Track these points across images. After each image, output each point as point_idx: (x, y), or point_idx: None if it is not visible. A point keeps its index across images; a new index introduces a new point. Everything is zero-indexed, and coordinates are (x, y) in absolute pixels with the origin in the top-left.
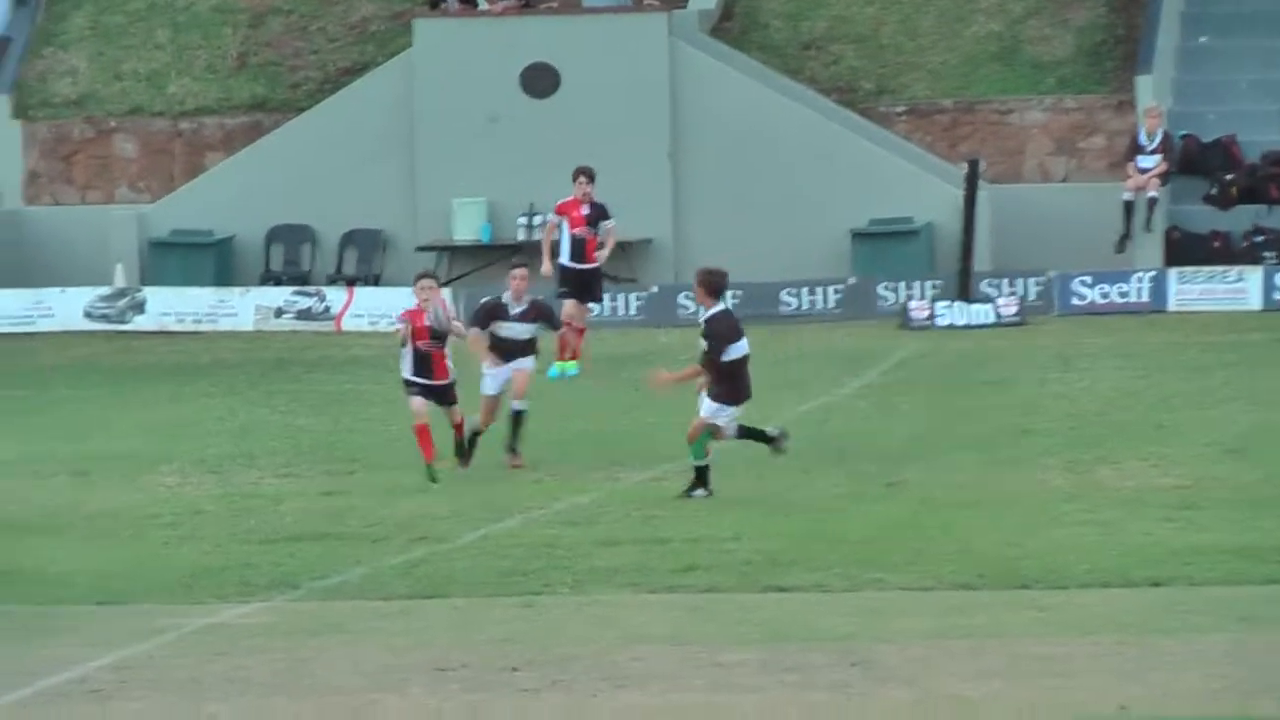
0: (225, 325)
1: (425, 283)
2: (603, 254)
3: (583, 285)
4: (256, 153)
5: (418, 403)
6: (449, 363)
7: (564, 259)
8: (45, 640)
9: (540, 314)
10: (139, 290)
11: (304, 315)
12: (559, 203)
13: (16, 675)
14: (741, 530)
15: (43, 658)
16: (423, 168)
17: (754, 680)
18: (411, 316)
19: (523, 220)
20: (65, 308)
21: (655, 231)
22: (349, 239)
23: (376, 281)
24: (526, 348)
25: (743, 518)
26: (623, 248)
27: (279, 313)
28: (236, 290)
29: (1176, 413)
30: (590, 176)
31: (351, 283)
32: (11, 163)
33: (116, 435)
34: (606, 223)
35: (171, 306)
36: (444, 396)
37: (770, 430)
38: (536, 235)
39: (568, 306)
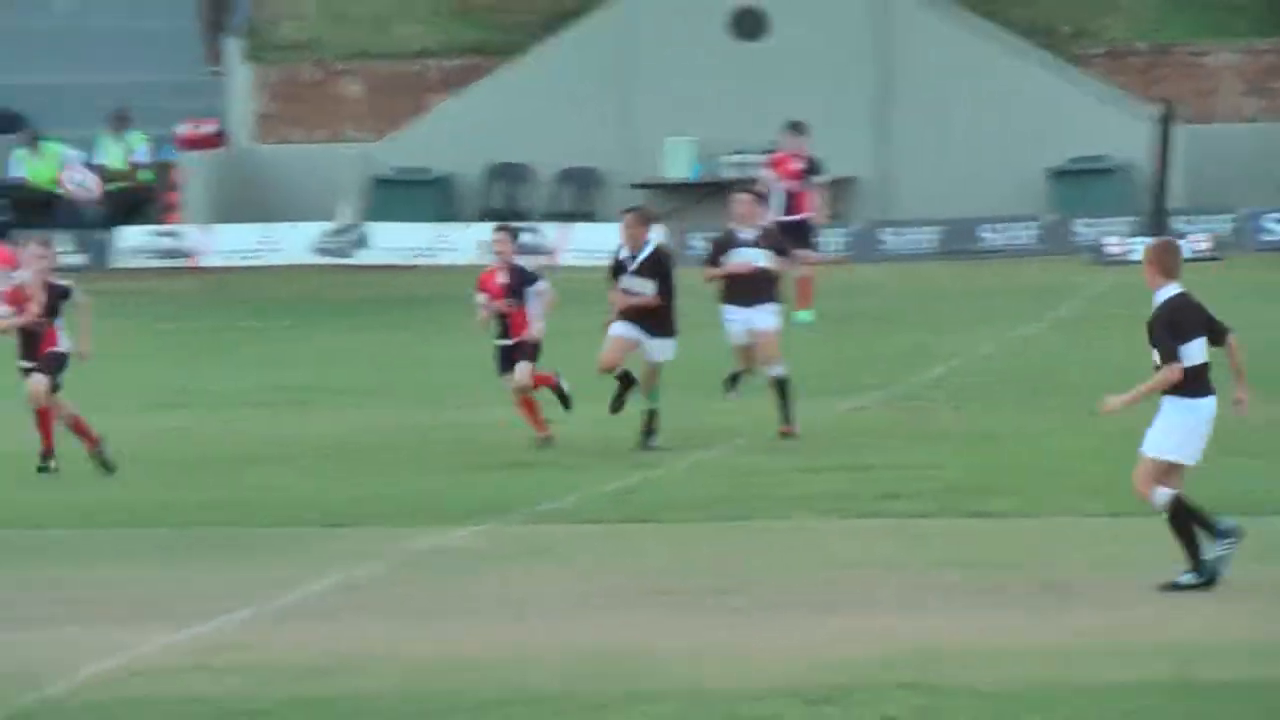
0: (445, 259)
1: (499, 236)
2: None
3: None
4: (476, 93)
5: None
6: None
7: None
8: (274, 562)
9: (773, 240)
10: (363, 226)
11: (521, 250)
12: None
13: (248, 595)
14: (942, 459)
15: (272, 579)
16: (636, 108)
17: (954, 602)
18: (483, 282)
19: (729, 159)
20: (293, 242)
21: (859, 170)
22: (565, 176)
23: (591, 218)
24: (764, 287)
25: (943, 447)
26: (828, 185)
27: None
28: (456, 226)
29: None
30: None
31: (568, 219)
32: (243, 104)
33: (339, 366)
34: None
35: (394, 241)
36: (514, 355)
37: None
38: (746, 173)
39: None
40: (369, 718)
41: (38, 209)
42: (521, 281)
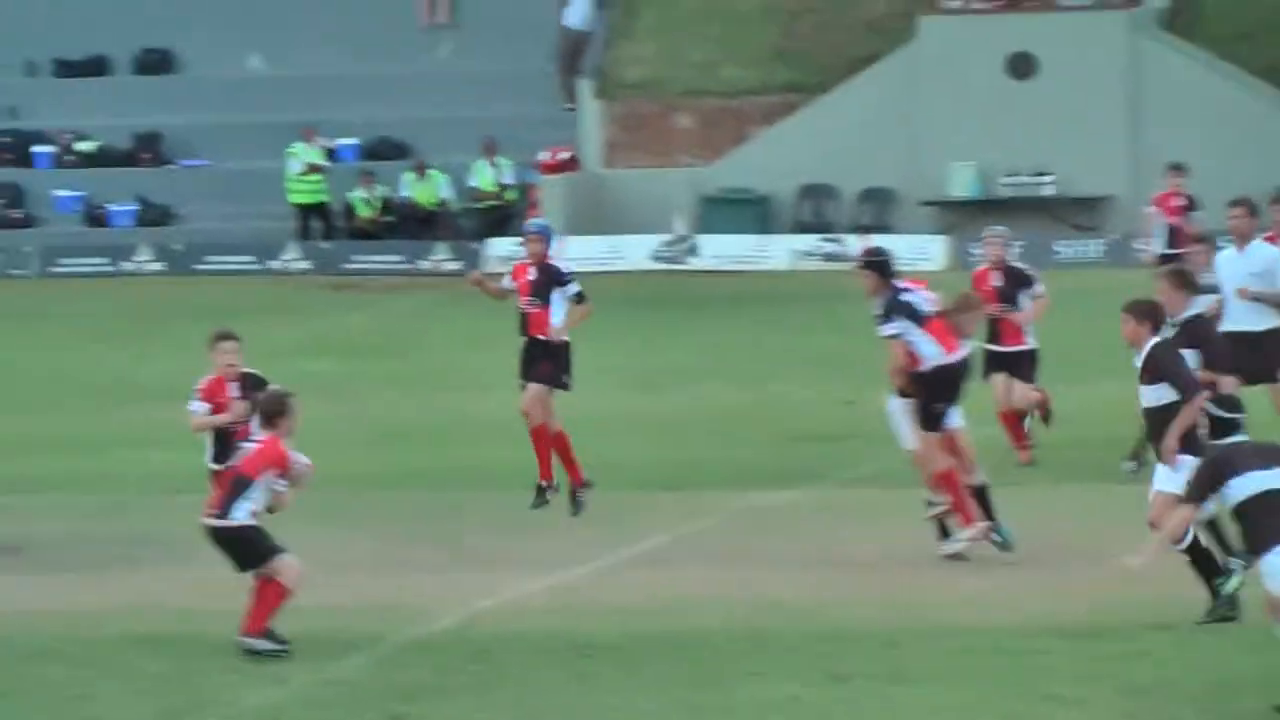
0: (764, 266)
1: (533, 235)
2: None
3: None
4: (790, 125)
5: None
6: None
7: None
8: (622, 520)
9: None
10: (694, 237)
11: (829, 258)
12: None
13: (598, 548)
14: None
15: (620, 534)
16: (924, 136)
17: None
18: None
19: (1004, 180)
20: (635, 251)
21: (1115, 189)
22: (865, 195)
23: (887, 230)
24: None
25: None
26: (1084, 203)
27: (807, 255)
28: (773, 237)
29: None
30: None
31: (867, 231)
32: (593, 134)
33: (676, 353)
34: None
35: (720, 250)
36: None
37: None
38: (1017, 192)
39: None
40: (697, 651)
41: (421, 224)
42: (550, 282)
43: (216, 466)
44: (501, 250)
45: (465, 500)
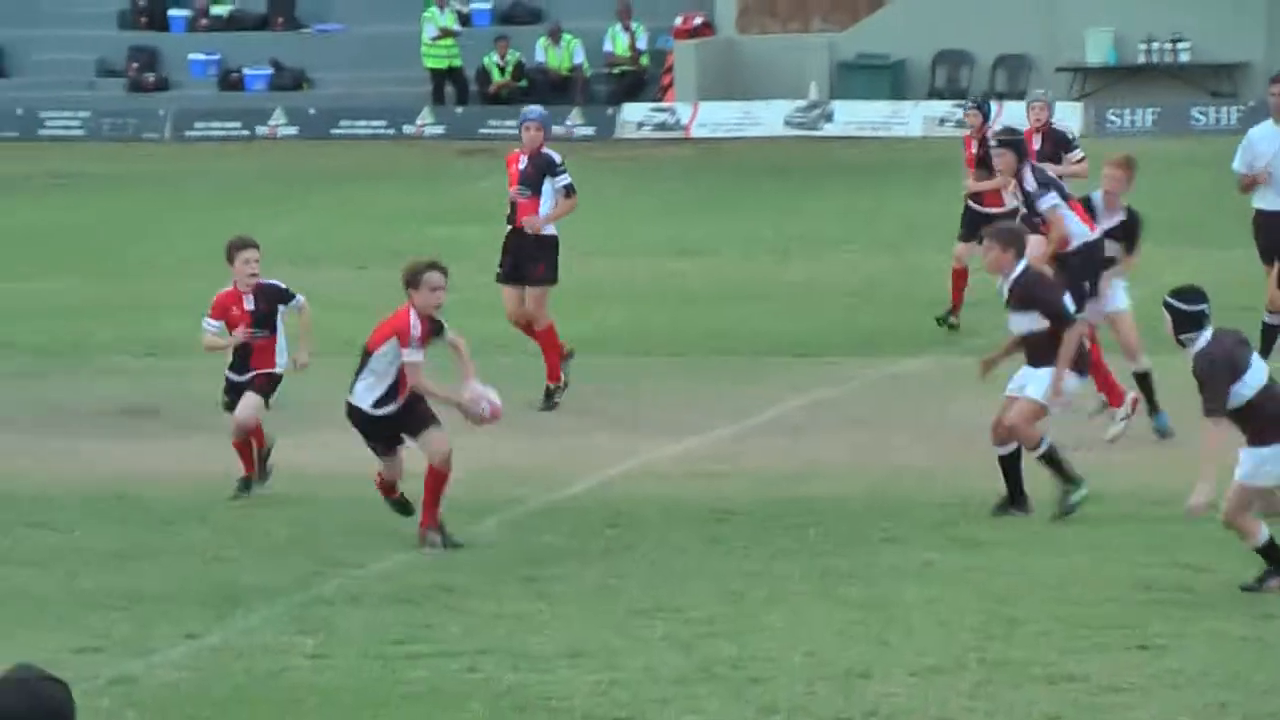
0: (897, 132)
1: (529, 124)
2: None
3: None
4: None
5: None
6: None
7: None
8: (754, 385)
9: None
10: (829, 103)
11: (961, 125)
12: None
13: (733, 414)
14: None
15: (751, 400)
16: (1061, 1)
17: None
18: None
19: (1141, 47)
20: (769, 117)
21: (1251, 55)
22: (999, 61)
23: (1021, 97)
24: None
25: None
26: (1221, 69)
27: (941, 122)
28: (907, 104)
29: None
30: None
31: (1000, 98)
32: (727, 0)
33: (809, 220)
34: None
35: (854, 116)
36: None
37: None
38: (1154, 59)
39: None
40: (832, 516)
41: (555, 89)
42: (542, 172)
43: (236, 377)
44: (635, 116)
45: (599, 365)
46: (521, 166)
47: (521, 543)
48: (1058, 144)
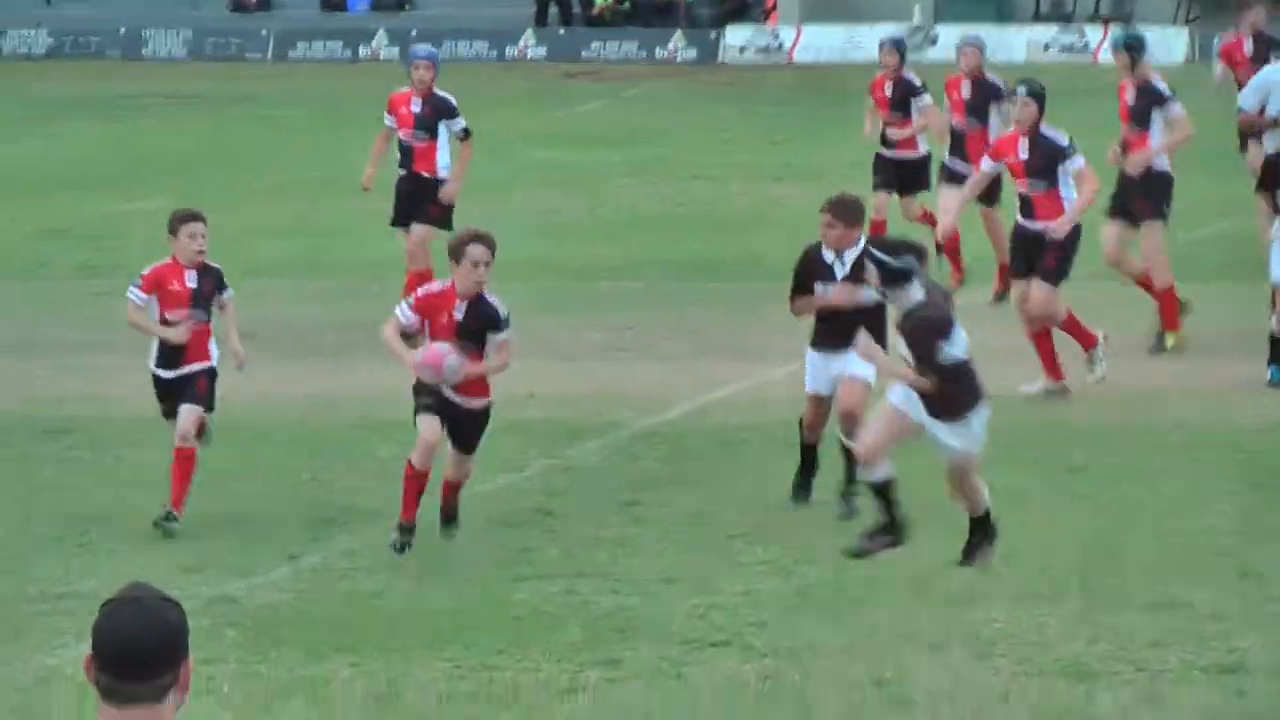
0: (1001, 57)
1: (422, 62)
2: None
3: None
4: None
5: None
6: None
7: None
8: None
9: None
10: (933, 27)
11: (1066, 49)
12: None
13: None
14: None
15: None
16: None
17: None
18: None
19: None
20: (872, 42)
21: None
22: None
23: (1127, 21)
24: None
25: None
26: None
27: (1045, 48)
28: (1011, 27)
29: None
30: None
31: (1106, 22)
32: None
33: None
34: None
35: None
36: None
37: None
38: None
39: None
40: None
41: (658, 12)
42: (438, 114)
43: (167, 374)
44: (738, 39)
45: (702, 291)
46: (416, 110)
47: (621, 467)
48: (987, 94)
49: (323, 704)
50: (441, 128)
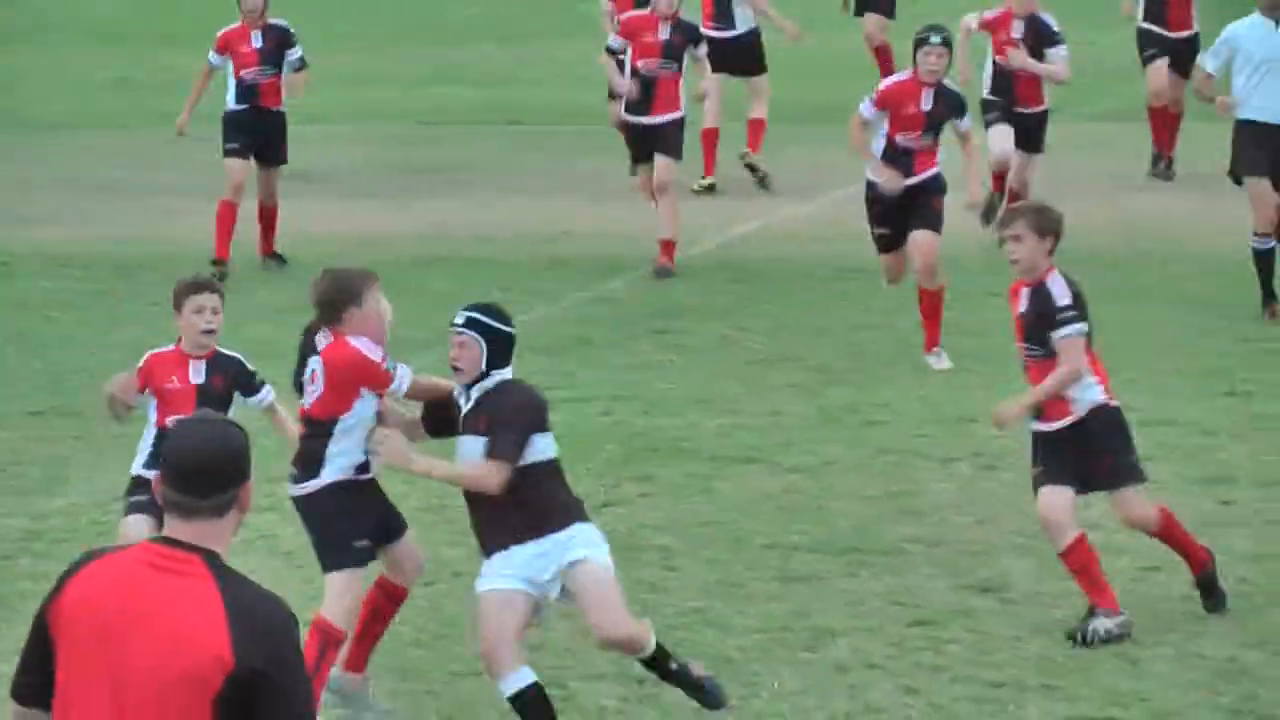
0: None
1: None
2: None
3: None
4: None
5: None
6: None
7: None
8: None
9: None
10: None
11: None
12: None
13: (859, 177)
14: None
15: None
16: None
17: None
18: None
19: None
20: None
21: None
22: None
23: None
24: None
25: None
26: None
27: None
28: None
29: None
30: None
31: None
32: None
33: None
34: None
35: None
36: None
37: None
38: None
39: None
40: (956, 275)
41: None
42: (280, 48)
43: (147, 474)
44: None
45: (726, 130)
46: (258, 45)
47: (651, 298)
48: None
49: None
50: (286, 58)
